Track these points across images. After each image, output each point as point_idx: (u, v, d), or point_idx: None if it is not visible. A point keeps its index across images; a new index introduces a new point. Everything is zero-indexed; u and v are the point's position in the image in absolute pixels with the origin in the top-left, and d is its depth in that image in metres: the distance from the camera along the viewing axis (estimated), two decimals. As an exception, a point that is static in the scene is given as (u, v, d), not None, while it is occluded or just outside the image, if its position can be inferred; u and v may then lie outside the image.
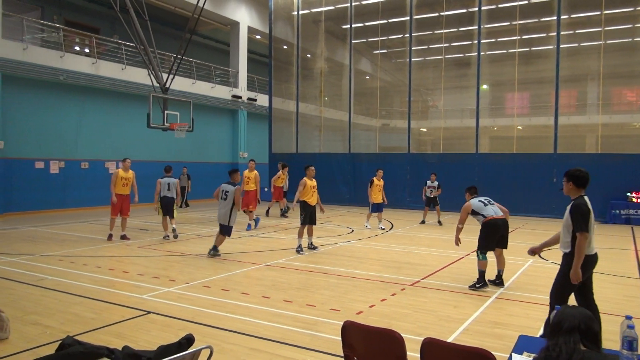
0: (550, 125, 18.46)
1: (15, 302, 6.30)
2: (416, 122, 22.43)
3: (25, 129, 17.00)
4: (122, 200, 11.59)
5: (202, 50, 26.95)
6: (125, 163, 11.72)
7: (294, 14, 23.81)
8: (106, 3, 18.05)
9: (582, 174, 4.75)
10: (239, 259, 9.41)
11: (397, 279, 7.85)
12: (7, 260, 9.05)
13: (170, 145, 21.59)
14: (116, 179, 11.51)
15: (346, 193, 21.80)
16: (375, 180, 14.08)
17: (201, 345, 3.10)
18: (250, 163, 14.11)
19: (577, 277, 4.55)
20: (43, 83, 17.33)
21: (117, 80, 19.34)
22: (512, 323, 5.71)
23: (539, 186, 17.91)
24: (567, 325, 2.34)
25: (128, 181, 11.65)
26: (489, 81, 21.31)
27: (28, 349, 4.68)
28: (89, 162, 18.91)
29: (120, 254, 9.94)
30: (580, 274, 4.55)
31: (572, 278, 4.57)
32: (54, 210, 17.66)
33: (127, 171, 11.66)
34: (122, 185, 11.56)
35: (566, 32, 18.73)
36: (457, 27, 21.60)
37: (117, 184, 11.51)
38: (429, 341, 2.80)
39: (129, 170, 11.74)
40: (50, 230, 13.23)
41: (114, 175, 11.58)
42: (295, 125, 23.73)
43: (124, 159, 11.91)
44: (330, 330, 5.31)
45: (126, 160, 11.79)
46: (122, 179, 11.55)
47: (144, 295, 6.67)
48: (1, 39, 15.96)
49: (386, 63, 24.90)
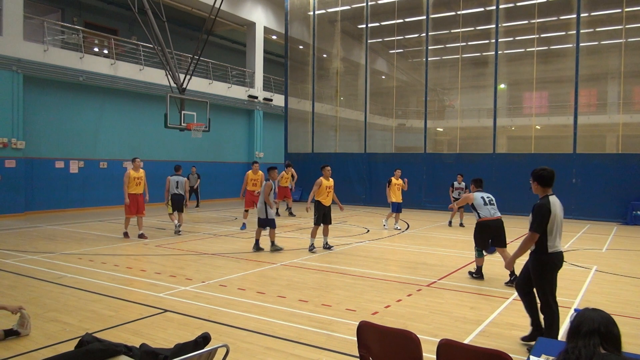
0: (569, 124, 18.18)
1: (36, 299, 6.41)
2: (432, 122, 22.29)
3: (46, 129, 17.30)
4: (136, 199, 11.78)
5: (218, 51, 27.15)
6: (136, 163, 11.91)
7: (310, 14, 23.84)
8: (125, 5, 18.28)
9: (546, 173, 4.78)
10: (254, 259, 9.45)
11: (413, 280, 7.81)
12: (28, 258, 9.22)
13: (187, 145, 21.78)
14: (128, 179, 11.68)
15: (362, 193, 21.76)
16: (394, 179, 14.06)
17: (217, 343, 3.12)
18: (255, 165, 14.10)
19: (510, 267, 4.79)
20: (63, 84, 17.63)
21: (135, 81, 19.58)
22: (530, 325, 5.62)
23: (558, 187, 17.32)
24: (586, 328, 2.31)
25: (140, 180, 11.84)
26: (506, 80, 21.09)
27: (48, 346, 4.76)
28: (107, 161, 19.17)
29: (138, 252, 10.05)
30: (513, 265, 4.75)
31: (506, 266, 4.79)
32: (73, 209, 17.95)
33: (138, 170, 11.86)
34: (135, 184, 11.74)
35: (586, 30, 18.44)
36: (474, 26, 21.41)
37: (130, 184, 11.68)
38: (445, 342, 2.78)
39: (140, 169, 11.95)
40: (69, 228, 13.44)
41: (125, 176, 11.75)
42: (311, 125, 23.76)
43: (133, 159, 12.11)
44: (346, 330, 5.30)
45: (136, 160, 11.99)
46: (134, 179, 11.74)
47: (161, 294, 6.74)
48: (23, 40, 16.26)
49: (402, 62, 24.80)
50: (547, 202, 4.67)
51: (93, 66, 18.19)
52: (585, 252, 10.81)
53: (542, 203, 4.69)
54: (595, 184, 17.25)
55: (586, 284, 7.72)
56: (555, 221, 4.67)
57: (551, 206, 4.66)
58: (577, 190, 17.53)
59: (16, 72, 15.93)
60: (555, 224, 4.69)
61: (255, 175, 13.73)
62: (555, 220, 4.67)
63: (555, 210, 4.67)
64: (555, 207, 4.69)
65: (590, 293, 7.20)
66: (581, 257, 10.05)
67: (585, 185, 17.43)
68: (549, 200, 4.70)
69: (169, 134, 19.32)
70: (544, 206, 4.66)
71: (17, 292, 6.75)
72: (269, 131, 26.84)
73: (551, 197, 4.75)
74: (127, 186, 11.65)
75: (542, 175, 4.79)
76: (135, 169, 11.85)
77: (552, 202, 4.69)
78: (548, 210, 4.64)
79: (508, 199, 18.55)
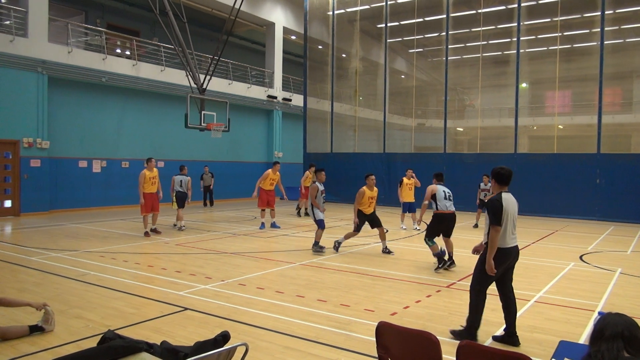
0: (593, 124, 17.83)
1: (60, 296, 6.55)
2: (452, 122, 22.09)
3: (70, 130, 17.64)
4: (151, 198, 12.16)
5: (238, 51, 27.34)
6: (151, 163, 12.30)
7: (329, 14, 23.84)
8: (146, 6, 18.53)
9: (504, 171, 5.07)
10: (273, 258, 9.49)
11: (432, 281, 7.75)
12: (52, 255, 9.41)
13: (206, 145, 21.98)
14: (144, 179, 12.02)
15: (381, 193, 21.61)
16: (405, 179, 14.03)
17: (236, 342, 3.14)
18: (277, 165, 14.23)
19: (490, 268, 4.87)
20: (86, 85, 17.95)
21: (156, 81, 19.84)
22: (552, 328, 5.55)
23: (582, 187, 17.34)
24: (609, 332, 2.28)
25: (155, 179, 12.24)
26: (528, 79, 20.79)
27: (72, 342, 4.86)
28: (129, 161, 19.46)
29: (159, 251, 10.18)
30: (492, 265, 4.85)
31: (487, 269, 4.89)
32: (96, 208, 18.27)
33: (152, 170, 12.24)
34: (150, 184, 12.11)
35: (611, 28, 18.07)
36: (495, 25, 21.15)
37: (146, 184, 12.03)
38: (465, 344, 2.76)
39: (154, 169, 12.32)
40: (92, 227, 13.68)
41: (140, 176, 12.08)
42: (330, 125, 23.75)
43: (148, 159, 12.43)
44: (364, 330, 5.29)
45: (151, 160, 12.37)
46: (150, 178, 12.10)
47: (181, 292, 6.82)
48: (48, 42, 16.61)
49: (422, 62, 24.62)
50: (499, 198, 4.97)
51: (115, 67, 18.48)
52: (609, 254, 10.59)
53: (495, 199, 5.00)
54: (620, 185, 16.89)
55: (610, 287, 7.57)
56: (507, 217, 4.93)
57: (503, 202, 4.94)
58: (601, 191, 17.19)
59: (41, 74, 16.28)
60: (507, 220, 4.94)
61: (275, 175, 13.82)
62: (507, 217, 4.94)
63: (507, 206, 4.94)
64: (507, 203, 4.96)
65: (614, 296, 7.06)
66: (605, 260, 9.86)
67: (609, 186, 17.08)
68: (502, 196, 4.99)
69: (189, 134, 19.52)
70: (497, 201, 4.96)
71: (42, 289, 6.90)
72: (287, 131, 26.93)
73: (505, 194, 5.04)
74: (142, 186, 12.00)
75: (500, 173, 5.08)
76: (149, 168, 12.19)
77: (504, 198, 4.98)
78: (500, 205, 4.93)
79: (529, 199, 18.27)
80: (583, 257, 10.03)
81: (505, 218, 4.91)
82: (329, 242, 10.61)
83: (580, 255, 10.26)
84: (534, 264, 9.23)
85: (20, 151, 15.90)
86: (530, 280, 7.84)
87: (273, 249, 10.52)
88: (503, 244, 4.95)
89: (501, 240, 4.93)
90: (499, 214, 4.89)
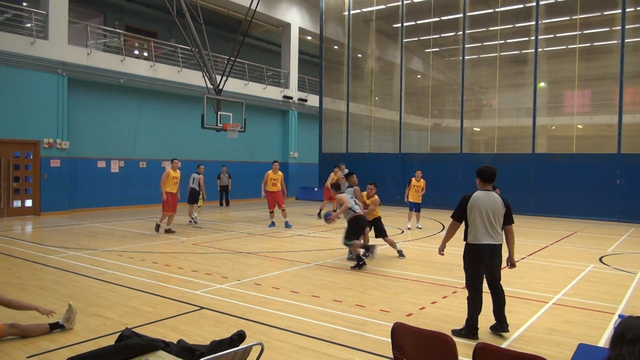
0: (613, 124, 17.53)
1: (79, 294, 6.65)
2: (469, 122, 21.89)
3: (89, 130, 17.90)
4: (173, 197, 12.31)
5: (254, 52, 27.46)
6: (174, 163, 12.48)
7: (345, 14, 23.81)
8: (164, 8, 18.71)
9: (486, 169, 5.22)
10: (289, 258, 9.51)
11: (449, 282, 7.69)
12: (71, 254, 9.56)
13: (223, 145, 22.12)
14: (167, 177, 12.20)
15: (397, 193, 21.57)
16: (413, 180, 14.07)
17: (252, 341, 3.15)
18: (275, 164, 14.30)
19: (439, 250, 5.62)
20: (105, 86, 18.20)
21: (173, 82, 20.03)
22: (570, 330, 5.47)
23: (601, 188, 17.06)
24: (631, 336, 2.24)
25: (177, 180, 12.44)
26: (546, 78, 20.50)
27: (90, 339, 4.93)
28: (146, 161, 19.68)
29: (175, 250, 10.28)
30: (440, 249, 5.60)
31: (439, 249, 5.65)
32: (114, 208, 18.51)
33: (176, 170, 12.42)
34: (172, 183, 12.30)
35: (632, 26, 17.73)
36: (513, 24, 20.89)
37: (169, 182, 12.21)
38: (481, 346, 2.73)
39: (177, 170, 12.49)
40: (110, 226, 13.86)
41: (165, 174, 12.28)
42: (346, 125, 23.72)
43: (172, 159, 12.65)
44: (380, 331, 5.27)
45: (175, 161, 12.55)
46: (173, 178, 12.28)
47: (198, 291, 6.87)
48: (67, 44, 16.88)
49: (438, 61, 24.44)
50: (468, 196, 5.21)
51: (133, 68, 18.71)
52: (630, 255, 10.40)
53: (466, 195, 5.25)
54: (641, 185, 16.58)
55: (631, 289, 7.43)
56: (474, 213, 5.12)
57: (471, 199, 5.16)
58: (621, 191, 16.88)
59: (61, 75, 16.55)
60: (476, 216, 5.11)
61: (275, 175, 13.94)
62: (475, 212, 5.11)
63: (476, 202, 5.12)
64: (477, 200, 5.13)
65: (635, 299, 6.93)
66: (626, 261, 9.68)
67: (630, 186, 16.77)
68: (474, 194, 5.19)
69: (205, 134, 19.68)
70: (465, 197, 5.23)
71: (61, 287, 7.01)
72: (303, 131, 26.97)
73: (480, 192, 5.20)
74: (164, 183, 12.17)
75: (482, 171, 5.24)
76: (173, 168, 12.33)
77: (475, 196, 5.17)
78: (466, 201, 5.19)
79: (547, 200, 18.06)
80: (603, 259, 9.86)
81: (471, 214, 5.14)
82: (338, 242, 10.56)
83: (600, 257, 10.09)
84: (552, 266, 9.10)
85: (40, 151, 16.18)
86: (549, 282, 7.74)
87: (289, 249, 10.55)
88: (473, 239, 5.15)
89: (471, 235, 5.17)
90: (458, 209, 5.24)
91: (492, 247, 5.15)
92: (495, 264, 5.24)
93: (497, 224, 5.14)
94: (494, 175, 5.21)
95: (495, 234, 5.15)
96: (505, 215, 5.18)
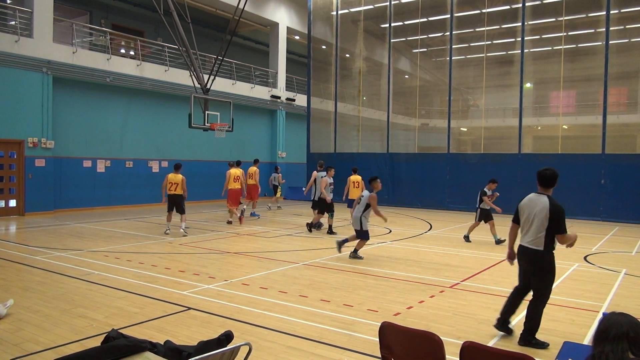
0: (598, 124, 17.76)
1: (64, 295, 6.57)
2: (456, 122, 22.03)
3: (74, 129, 17.70)
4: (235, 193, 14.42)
5: (242, 52, 27.35)
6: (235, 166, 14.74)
7: (333, 14, 23.83)
8: (151, 7, 18.57)
9: (546, 172, 5.24)
10: (277, 258, 9.50)
11: (436, 281, 7.74)
12: (56, 255, 9.45)
13: (210, 145, 22.02)
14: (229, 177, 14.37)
15: (384, 193, 21.65)
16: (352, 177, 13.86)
17: (240, 342, 3.14)
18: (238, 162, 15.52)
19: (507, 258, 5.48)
20: (91, 85, 18.00)
21: (160, 81, 19.88)
22: (556, 329, 5.53)
23: (586, 188, 17.26)
24: (614, 333, 2.25)
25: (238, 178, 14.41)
26: (532, 79, 20.71)
27: (76, 341, 4.87)
28: (133, 161, 19.51)
29: (163, 250, 10.21)
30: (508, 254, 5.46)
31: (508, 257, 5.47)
32: (100, 208, 18.32)
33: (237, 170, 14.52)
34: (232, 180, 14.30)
35: (616, 28, 17.98)
36: (500, 24, 21.08)
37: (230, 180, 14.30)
38: (468, 345, 2.75)
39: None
40: (96, 226, 13.72)
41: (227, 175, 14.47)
42: (334, 125, 23.75)
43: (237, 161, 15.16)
44: (368, 330, 5.29)
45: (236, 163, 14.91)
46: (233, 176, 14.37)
47: (185, 292, 6.83)
48: (52, 43, 16.66)
49: (426, 62, 24.57)
50: (523, 198, 5.28)
51: (120, 67, 18.53)
52: (614, 254, 10.55)
53: None
54: (624, 185, 16.81)
55: (615, 288, 7.54)
56: (523, 216, 5.17)
57: (522, 201, 5.24)
58: (606, 191, 17.11)
59: (46, 74, 16.33)
60: (523, 219, 5.16)
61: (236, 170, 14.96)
62: (523, 215, 5.16)
63: (523, 205, 5.20)
64: (524, 202, 5.21)
65: (619, 297, 7.03)
66: (610, 260, 9.82)
67: (614, 186, 17.01)
68: (526, 197, 5.25)
69: (193, 134, 19.57)
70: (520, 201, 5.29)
71: (46, 288, 6.92)
72: (291, 131, 26.94)
73: (533, 194, 5.20)
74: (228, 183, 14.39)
75: (540, 174, 5.26)
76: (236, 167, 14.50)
77: (527, 198, 5.22)
78: (519, 203, 5.28)
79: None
80: (587, 258, 9.99)
81: (522, 217, 5.18)
82: (331, 243, 10.60)
83: (585, 255, 10.22)
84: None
85: (25, 151, 15.96)
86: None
87: (276, 249, 10.53)
88: (521, 240, 5.18)
89: (521, 237, 5.20)
90: (516, 212, 5.28)
91: (526, 250, 5.07)
92: (532, 272, 5.05)
93: (535, 227, 4.99)
94: (542, 178, 5.17)
95: (527, 238, 5.06)
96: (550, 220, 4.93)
